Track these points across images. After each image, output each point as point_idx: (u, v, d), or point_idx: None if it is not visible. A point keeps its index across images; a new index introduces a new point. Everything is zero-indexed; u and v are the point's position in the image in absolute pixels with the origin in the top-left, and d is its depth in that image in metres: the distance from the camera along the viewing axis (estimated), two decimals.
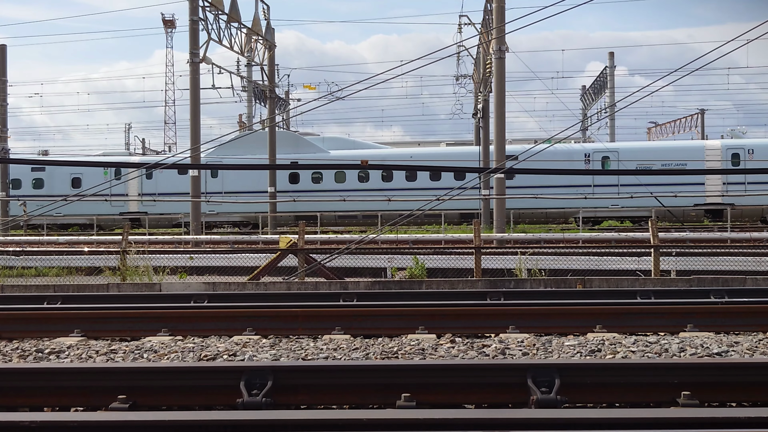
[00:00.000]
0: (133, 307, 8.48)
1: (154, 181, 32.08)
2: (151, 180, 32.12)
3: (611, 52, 45.01)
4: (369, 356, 6.38)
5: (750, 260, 14.53)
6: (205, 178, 30.69)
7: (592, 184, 29.26)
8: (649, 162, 29.61)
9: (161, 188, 31.58)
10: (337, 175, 31.06)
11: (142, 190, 32.47)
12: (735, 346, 6.57)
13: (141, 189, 32.51)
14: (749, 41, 10.76)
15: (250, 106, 46.56)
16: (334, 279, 13.67)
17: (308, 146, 32.38)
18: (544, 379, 4.69)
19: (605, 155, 30.43)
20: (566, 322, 7.60)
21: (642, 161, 29.65)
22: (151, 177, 31.87)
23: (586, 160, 30.24)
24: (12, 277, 15.59)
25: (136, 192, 32.42)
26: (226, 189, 31.55)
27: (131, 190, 32.39)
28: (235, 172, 31.58)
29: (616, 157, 29.89)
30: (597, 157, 30.33)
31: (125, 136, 65.52)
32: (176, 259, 16.19)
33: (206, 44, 23.78)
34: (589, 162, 30.18)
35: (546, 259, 15.06)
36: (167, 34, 58.93)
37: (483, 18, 27.74)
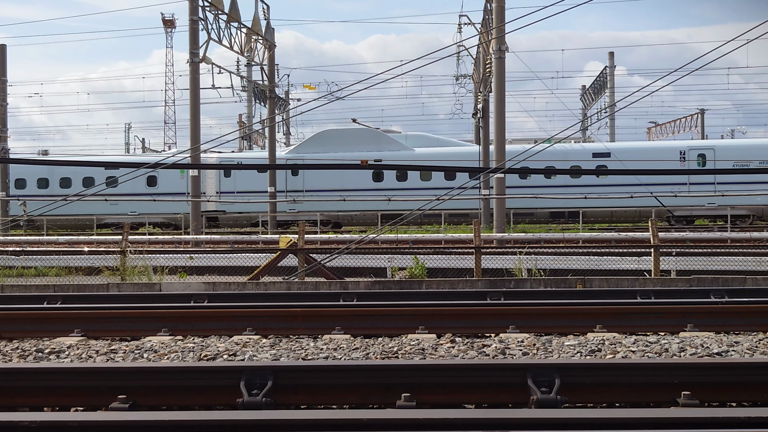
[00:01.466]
0: (133, 307, 8.47)
1: (232, 179, 31.18)
2: (230, 178, 31.22)
3: (611, 51, 45.04)
4: (369, 356, 6.38)
5: (750, 260, 14.53)
6: (285, 177, 30.31)
7: (687, 182, 28.39)
8: (747, 161, 28.74)
9: (240, 186, 30.86)
10: (423, 173, 29.77)
11: (220, 189, 31.67)
12: (735, 345, 6.57)
13: (219, 187, 31.71)
14: (749, 41, 10.76)
15: (250, 106, 46.58)
16: (334, 279, 13.67)
17: (392, 143, 31.51)
18: (545, 379, 4.69)
19: (701, 152, 29.49)
20: (566, 322, 7.60)
21: (740, 160, 28.79)
22: (230, 175, 31.01)
23: (682, 158, 29.35)
24: (12, 276, 15.60)
25: (214, 190, 31.60)
26: (306, 187, 30.74)
27: (209, 189, 31.54)
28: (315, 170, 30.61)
29: (713, 155, 29.04)
30: (692, 156, 29.34)
31: (125, 135, 65.63)
32: (176, 259, 16.20)
33: (206, 44, 23.78)
34: (684, 160, 29.29)
35: (546, 259, 15.07)
36: (167, 34, 58.99)
37: (483, 18, 27.75)
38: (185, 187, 29.43)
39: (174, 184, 30.55)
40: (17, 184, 32.66)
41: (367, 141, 30.88)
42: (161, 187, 31.18)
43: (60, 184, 32.08)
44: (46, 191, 31.80)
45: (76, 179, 31.71)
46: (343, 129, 32.72)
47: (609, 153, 29.66)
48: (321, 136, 32.16)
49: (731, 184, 26.36)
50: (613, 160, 28.48)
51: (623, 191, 24.64)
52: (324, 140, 31.24)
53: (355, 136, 31.79)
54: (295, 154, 30.90)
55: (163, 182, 31.23)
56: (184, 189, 29.79)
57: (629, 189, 24.73)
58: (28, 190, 32.39)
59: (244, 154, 35.42)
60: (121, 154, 49.24)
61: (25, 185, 32.66)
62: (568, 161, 28.76)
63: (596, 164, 29.20)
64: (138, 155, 43.85)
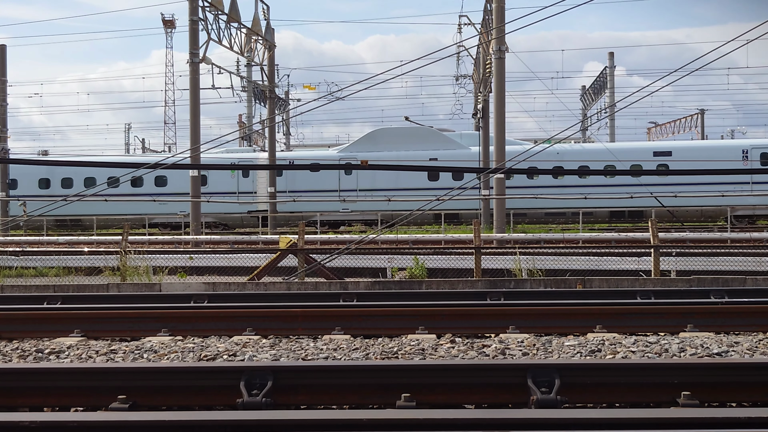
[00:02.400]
0: (133, 307, 8.47)
1: (284, 178, 30.85)
2: (282, 177, 30.82)
3: (611, 52, 45.03)
4: (369, 356, 6.38)
5: (750, 260, 14.52)
6: (339, 176, 30.16)
7: (750, 181, 28.07)
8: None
9: (292, 186, 30.55)
10: None
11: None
12: (735, 346, 6.57)
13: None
14: (749, 41, 10.76)
15: (250, 106, 46.58)
16: (334, 279, 13.67)
17: (447, 142, 30.95)
18: (544, 379, 4.69)
19: (764, 151, 28.93)
20: (566, 322, 7.60)
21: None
22: (282, 174, 30.69)
23: (744, 157, 28.93)
24: (12, 277, 15.59)
25: (266, 190, 31.01)
26: (360, 187, 30.38)
27: (260, 188, 31.26)
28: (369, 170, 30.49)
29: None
30: (755, 155, 28.79)
31: (125, 136, 65.58)
32: (176, 259, 16.19)
33: (206, 44, 23.78)
34: (747, 159, 28.89)
35: (546, 259, 15.06)
36: (167, 34, 58.94)
37: (483, 18, 27.73)
38: (235, 187, 29.25)
39: (224, 183, 30.30)
40: (41, 184, 32.62)
41: (422, 139, 30.49)
42: (211, 186, 30.86)
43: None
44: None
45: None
46: (397, 128, 32.23)
47: (670, 152, 29.49)
48: (374, 134, 31.79)
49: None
50: (675, 160, 28.33)
51: (687, 191, 24.55)
52: (377, 139, 30.90)
53: (410, 134, 31.36)
54: (348, 152, 30.63)
55: (212, 181, 31.01)
56: (234, 188, 29.62)
57: (692, 189, 24.64)
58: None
59: (295, 154, 34.90)
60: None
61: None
62: (628, 161, 28.46)
63: (657, 163, 28.96)
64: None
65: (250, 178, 31.33)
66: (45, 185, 32.82)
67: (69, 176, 32.12)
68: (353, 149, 30.64)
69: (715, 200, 26.57)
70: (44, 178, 32.85)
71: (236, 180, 30.27)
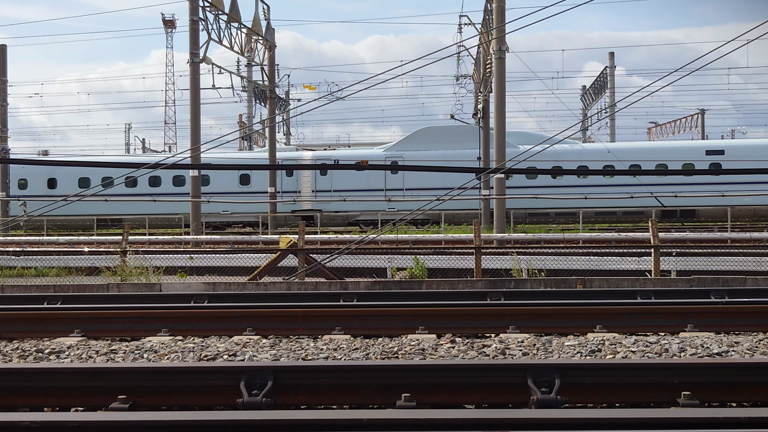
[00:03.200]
0: (134, 307, 8.47)
1: (329, 177, 30.75)
2: (326, 177, 30.79)
3: (611, 52, 45.08)
4: (369, 356, 6.38)
5: (750, 260, 14.52)
6: (385, 176, 30.06)
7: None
8: None
9: (336, 185, 30.43)
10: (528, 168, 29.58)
11: (316, 187, 31.18)
12: (735, 346, 6.57)
13: (315, 186, 31.21)
14: (749, 41, 10.75)
15: (251, 106, 46.63)
16: (335, 279, 13.67)
17: None
18: (545, 379, 4.68)
19: None
20: (566, 322, 7.60)
21: None
22: (326, 174, 30.60)
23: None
24: (12, 277, 15.59)
25: (310, 189, 31.10)
26: (406, 186, 30.23)
27: (304, 188, 31.12)
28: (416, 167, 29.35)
29: None
30: None
31: (125, 136, 65.62)
32: (176, 259, 16.19)
33: (206, 44, 23.80)
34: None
35: (546, 259, 15.06)
36: (167, 34, 58.95)
37: (483, 18, 27.74)
38: (278, 186, 28.96)
39: (267, 182, 30.05)
40: (50, 183, 32.44)
41: (469, 138, 30.14)
42: (253, 185, 30.81)
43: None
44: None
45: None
46: (444, 126, 31.96)
47: (723, 150, 29.25)
48: (422, 133, 31.56)
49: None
50: (729, 159, 28.07)
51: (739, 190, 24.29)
52: (425, 138, 30.67)
53: (457, 133, 31.10)
54: (395, 151, 30.61)
55: (255, 181, 30.85)
56: (277, 188, 29.32)
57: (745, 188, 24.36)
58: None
59: (340, 153, 34.63)
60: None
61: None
62: (680, 160, 28.38)
63: (710, 163, 28.73)
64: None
65: (294, 178, 31.20)
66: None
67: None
68: (399, 148, 30.45)
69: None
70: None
71: (280, 179, 30.05)
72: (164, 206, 27.52)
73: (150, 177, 31.33)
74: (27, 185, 33.22)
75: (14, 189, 32.84)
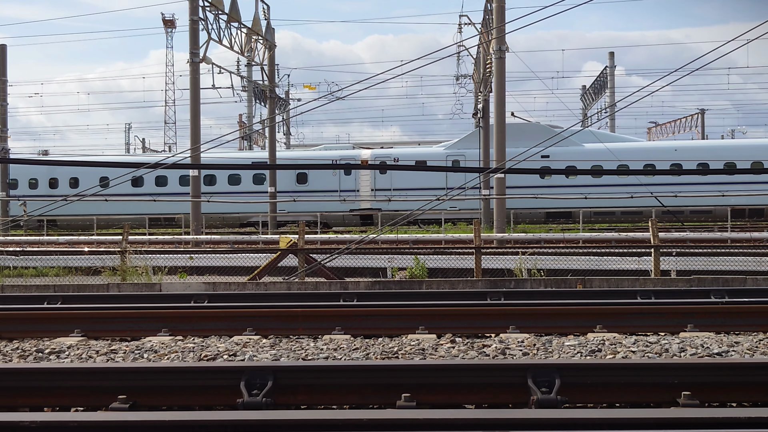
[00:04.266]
0: (134, 307, 8.47)
1: (388, 176, 30.33)
2: (386, 175, 30.38)
3: (611, 52, 45.07)
4: (369, 356, 6.38)
5: (750, 260, 14.53)
6: (446, 175, 29.46)
7: None
8: None
9: (396, 184, 30.07)
10: (593, 167, 28.54)
11: (375, 186, 30.68)
12: (735, 346, 6.57)
13: (374, 185, 30.74)
14: (749, 41, 10.75)
15: (251, 106, 46.63)
16: (335, 279, 13.67)
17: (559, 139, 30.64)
18: (545, 379, 4.68)
19: None
20: (566, 322, 7.60)
21: None
22: (386, 173, 30.22)
23: None
24: (12, 277, 15.59)
25: (369, 188, 30.67)
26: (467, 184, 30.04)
27: (363, 187, 30.74)
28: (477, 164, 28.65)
29: None
30: None
31: (125, 136, 65.62)
32: (176, 259, 16.20)
33: (206, 44, 23.79)
34: None
35: (546, 259, 15.06)
36: (167, 34, 58.95)
37: (483, 18, 27.73)
38: (337, 185, 28.91)
39: (325, 181, 30.01)
40: (71, 183, 32.15)
41: (532, 135, 29.55)
42: (311, 184, 30.65)
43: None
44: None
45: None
46: (508, 124, 31.81)
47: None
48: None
49: None
50: None
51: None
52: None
53: (519, 130, 30.05)
54: (455, 149, 30.37)
55: (313, 180, 30.70)
56: (335, 187, 29.29)
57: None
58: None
59: (399, 151, 33.82)
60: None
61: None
62: (748, 159, 28.10)
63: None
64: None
65: (353, 176, 30.92)
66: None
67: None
68: (460, 146, 30.19)
69: None
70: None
71: (338, 178, 29.94)
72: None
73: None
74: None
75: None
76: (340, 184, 29.95)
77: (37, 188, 33.25)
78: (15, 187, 33.05)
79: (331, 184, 30.10)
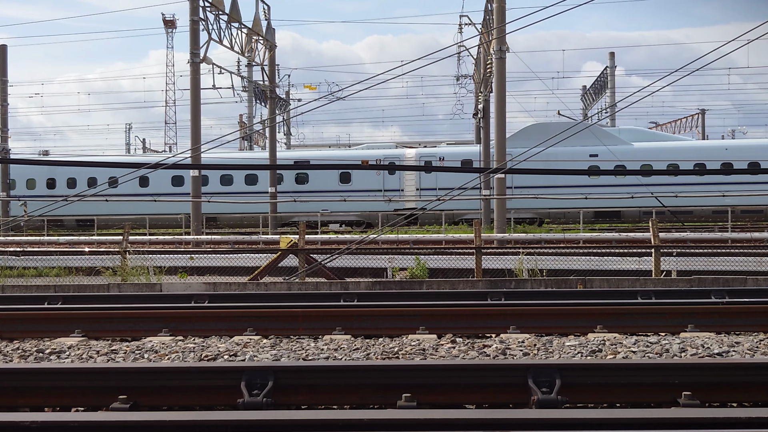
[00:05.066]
0: (134, 308, 8.47)
1: (433, 176, 30.03)
2: (431, 175, 30.07)
3: (612, 52, 45.02)
4: (370, 356, 6.38)
5: (751, 260, 14.52)
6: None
7: None
8: None
9: (441, 183, 29.44)
10: (642, 167, 28.14)
11: (421, 186, 30.32)
12: (736, 346, 6.56)
13: (419, 184, 30.42)
14: (749, 41, 10.75)
15: (251, 106, 46.61)
16: (335, 279, 13.67)
17: (608, 137, 29.67)
18: (545, 380, 4.68)
19: None
20: (567, 323, 7.60)
21: None
22: (431, 172, 30.02)
23: None
24: (12, 277, 15.59)
25: (414, 188, 30.34)
26: (515, 184, 29.27)
27: (407, 186, 30.50)
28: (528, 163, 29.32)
29: None
30: None
31: (126, 136, 65.63)
32: (177, 259, 16.19)
33: (207, 44, 23.82)
34: None
35: (547, 260, 15.05)
36: (168, 34, 58.97)
37: (483, 18, 27.76)
38: (380, 185, 28.78)
39: (369, 181, 29.84)
40: (90, 182, 31.73)
41: (582, 134, 29.76)
42: (355, 183, 30.42)
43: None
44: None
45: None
46: (554, 123, 31.16)
47: None
48: (531, 130, 30.77)
49: None
50: None
51: None
52: (534, 134, 29.61)
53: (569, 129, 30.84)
54: (510, 148, 30.24)
55: (356, 179, 30.52)
56: (379, 186, 29.05)
57: None
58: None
59: (444, 150, 33.54)
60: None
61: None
62: None
63: None
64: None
65: (397, 176, 30.70)
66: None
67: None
68: (508, 145, 30.28)
69: None
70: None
71: (381, 178, 29.77)
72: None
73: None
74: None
75: (22, 189, 32.71)
76: (384, 184, 29.78)
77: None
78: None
79: (376, 184, 29.86)
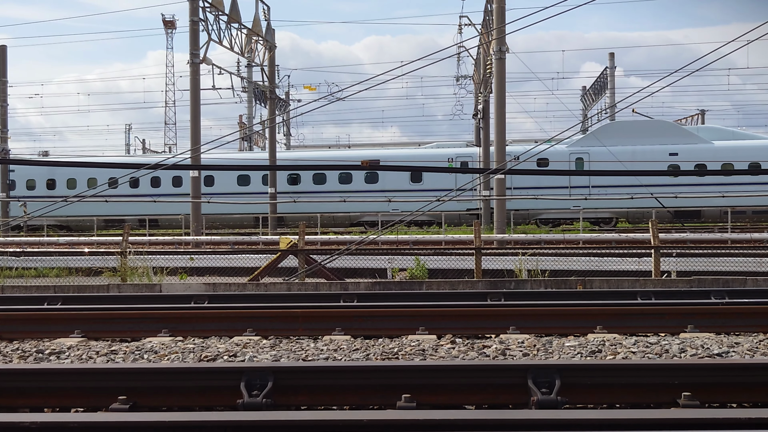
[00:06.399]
0: (134, 308, 8.47)
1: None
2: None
3: (612, 52, 45.04)
4: (369, 357, 6.38)
5: (750, 261, 14.52)
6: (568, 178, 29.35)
7: None
8: None
9: (516, 182, 29.35)
10: (725, 168, 27.88)
11: (491, 184, 30.77)
12: (735, 346, 6.57)
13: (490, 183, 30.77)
14: (749, 42, 10.75)
15: (251, 107, 46.63)
16: (335, 280, 13.67)
17: (687, 136, 29.53)
18: (545, 380, 4.68)
19: None
20: (567, 323, 7.59)
21: None
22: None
23: None
24: (12, 277, 15.59)
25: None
26: (593, 183, 29.09)
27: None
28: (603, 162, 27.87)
29: None
30: None
31: (125, 136, 65.63)
32: (177, 259, 16.19)
33: (206, 45, 23.81)
34: None
35: (546, 260, 15.05)
36: (167, 34, 58.99)
37: (483, 19, 27.77)
38: (453, 184, 27.89)
39: (441, 180, 29.54)
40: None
41: (659, 133, 29.17)
42: (426, 183, 30.39)
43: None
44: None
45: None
46: (632, 121, 30.79)
47: None
48: (608, 128, 30.61)
49: None
50: None
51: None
52: (612, 132, 29.73)
53: (645, 128, 29.96)
54: (579, 147, 29.78)
55: (428, 179, 30.43)
56: (451, 186, 28.02)
57: None
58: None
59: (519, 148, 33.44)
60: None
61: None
62: None
63: None
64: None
65: (470, 175, 30.78)
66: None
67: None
68: (584, 143, 29.70)
69: None
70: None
71: (454, 177, 29.26)
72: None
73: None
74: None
75: (22, 190, 32.73)
76: (456, 183, 29.68)
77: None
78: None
79: (448, 183, 29.15)
